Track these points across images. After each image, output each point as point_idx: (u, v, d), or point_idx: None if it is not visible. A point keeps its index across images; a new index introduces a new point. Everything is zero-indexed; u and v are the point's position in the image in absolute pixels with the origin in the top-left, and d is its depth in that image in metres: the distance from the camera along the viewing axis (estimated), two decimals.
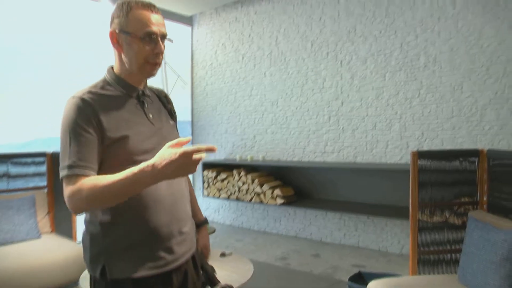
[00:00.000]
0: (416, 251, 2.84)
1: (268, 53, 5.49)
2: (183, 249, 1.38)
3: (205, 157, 1.09)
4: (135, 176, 1.09)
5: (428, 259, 2.86)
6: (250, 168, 5.50)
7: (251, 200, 5.24)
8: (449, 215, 3.04)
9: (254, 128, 5.68)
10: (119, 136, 1.23)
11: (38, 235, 3.52)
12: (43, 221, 3.72)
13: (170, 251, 1.32)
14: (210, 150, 1.06)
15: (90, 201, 1.13)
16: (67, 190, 1.15)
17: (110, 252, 1.26)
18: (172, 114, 1.55)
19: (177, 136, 1.46)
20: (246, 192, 5.30)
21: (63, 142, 1.21)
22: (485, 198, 2.79)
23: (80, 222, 3.93)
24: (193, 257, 1.47)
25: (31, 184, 3.85)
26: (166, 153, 1.07)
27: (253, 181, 5.21)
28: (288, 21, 5.26)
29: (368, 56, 4.52)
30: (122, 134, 1.24)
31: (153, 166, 1.07)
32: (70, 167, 1.16)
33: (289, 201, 4.94)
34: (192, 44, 6.53)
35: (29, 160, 3.87)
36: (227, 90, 5.99)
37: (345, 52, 4.71)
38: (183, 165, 1.06)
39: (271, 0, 5.42)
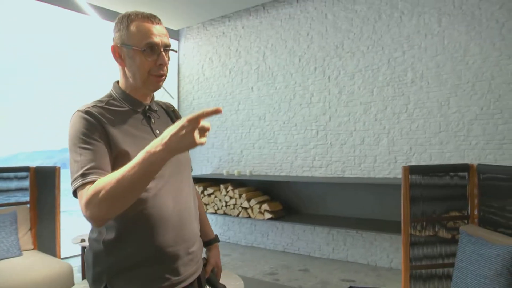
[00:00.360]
0: (408, 266, 2.84)
1: (255, 67, 5.50)
2: (189, 271, 1.33)
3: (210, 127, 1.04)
4: (147, 154, 1.02)
5: (421, 274, 2.85)
6: (237, 183, 5.46)
7: (238, 215, 5.20)
8: (440, 229, 3.06)
9: (241, 142, 5.66)
10: (123, 149, 1.20)
11: (19, 253, 3.40)
12: (25, 237, 3.60)
13: (175, 272, 1.28)
14: (216, 112, 1.00)
15: (108, 201, 1.04)
16: (83, 199, 1.07)
17: (113, 272, 1.22)
18: None
19: (186, 153, 1.43)
20: (234, 207, 5.25)
21: (73, 155, 1.16)
22: (475, 212, 2.81)
23: (64, 239, 3.85)
24: (198, 278, 1.42)
25: (13, 200, 3.73)
26: (174, 124, 1.02)
27: (240, 196, 5.17)
28: (275, 36, 5.29)
29: (355, 71, 4.56)
30: (125, 149, 1.20)
31: (162, 138, 1.01)
32: (83, 175, 1.10)
33: (277, 216, 4.90)
34: (178, 58, 6.51)
35: (11, 174, 3.76)
36: (214, 104, 5.97)
37: (332, 67, 4.75)
38: (191, 132, 0.99)
39: (259, 15, 5.45)
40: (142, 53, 1.24)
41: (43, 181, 3.79)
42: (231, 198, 5.28)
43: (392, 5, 4.31)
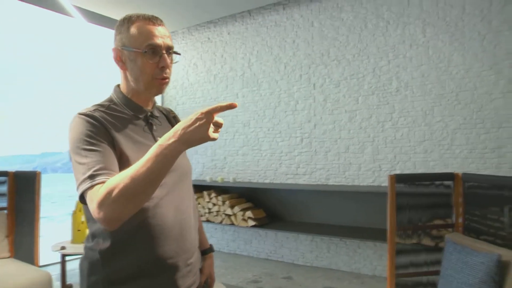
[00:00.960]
0: (393, 274, 2.84)
1: (240, 74, 5.49)
2: (187, 282, 1.30)
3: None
4: (160, 147, 0.98)
5: (406, 282, 2.86)
6: (220, 190, 5.42)
7: (221, 222, 5.16)
8: (425, 237, 3.08)
9: (225, 149, 5.63)
10: (125, 154, 1.16)
11: None
12: (1, 245, 3.48)
13: (174, 284, 1.24)
14: (230, 107, 0.97)
15: (122, 200, 0.98)
16: (94, 201, 1.01)
17: (109, 282, 1.17)
18: None
19: (187, 160, 1.40)
20: (217, 214, 5.21)
21: (77, 158, 1.10)
22: (460, 221, 2.84)
23: (44, 246, 3.75)
24: None
25: None
26: (187, 118, 0.98)
27: (223, 202, 5.14)
28: (261, 43, 5.29)
29: (341, 79, 4.59)
30: (127, 154, 1.16)
31: (174, 131, 0.98)
32: (91, 177, 1.05)
33: (261, 223, 4.88)
34: None
35: None
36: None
37: (318, 75, 4.77)
38: (205, 125, 0.95)
39: (245, 21, 5.45)
40: (144, 55, 1.20)
41: (22, 186, 3.68)
42: (214, 205, 5.24)
43: (378, 15, 4.35)
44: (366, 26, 4.43)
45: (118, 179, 1.00)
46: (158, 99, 6.18)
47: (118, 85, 1.31)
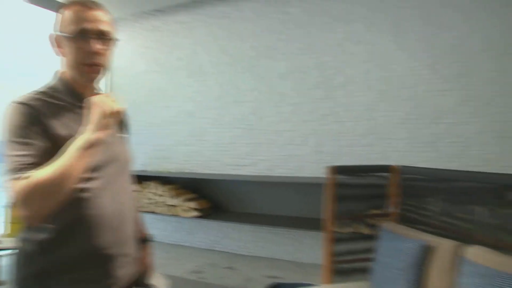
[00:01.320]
0: (329, 261, 2.94)
1: (186, 64, 5.42)
2: (125, 272, 1.29)
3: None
4: (75, 140, 1.04)
5: (342, 268, 2.97)
6: (164, 180, 5.34)
7: (164, 212, 5.09)
8: (362, 226, 3.20)
9: (170, 139, 5.55)
10: (63, 145, 1.12)
11: None
12: None
13: (112, 274, 1.23)
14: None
15: (44, 195, 0.99)
16: (18, 195, 1.00)
17: (45, 273, 1.15)
18: (124, 126, 1.48)
19: (127, 151, 1.40)
20: (160, 205, 5.14)
21: (9, 150, 1.08)
22: (395, 210, 2.97)
23: None
24: (134, 280, 1.39)
25: None
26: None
27: (167, 193, 5.07)
28: (208, 34, 5.25)
29: (286, 73, 4.65)
30: (63, 144, 1.12)
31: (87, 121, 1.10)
32: (18, 170, 1.04)
33: (205, 214, 4.87)
34: None
35: None
36: (144, 99, 5.79)
37: (264, 68, 4.81)
38: (105, 101, 1.12)
39: (192, 11, 5.38)
40: (73, 40, 1.18)
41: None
42: (157, 195, 5.16)
43: (325, 11, 4.44)
44: (313, 21, 4.51)
45: (41, 174, 1.01)
46: (103, 86, 5.99)
47: (59, 71, 1.27)
